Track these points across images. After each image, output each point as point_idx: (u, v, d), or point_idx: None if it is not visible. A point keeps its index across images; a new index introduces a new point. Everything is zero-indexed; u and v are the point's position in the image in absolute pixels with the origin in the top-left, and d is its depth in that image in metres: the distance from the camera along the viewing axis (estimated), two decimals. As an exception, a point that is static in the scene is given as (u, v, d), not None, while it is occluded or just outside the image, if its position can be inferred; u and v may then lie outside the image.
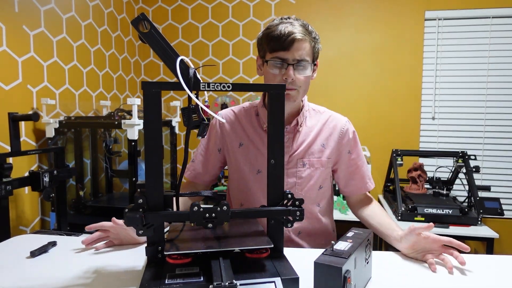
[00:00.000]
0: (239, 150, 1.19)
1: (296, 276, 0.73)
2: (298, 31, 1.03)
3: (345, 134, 1.19)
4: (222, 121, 0.95)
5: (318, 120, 1.20)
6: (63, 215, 1.79)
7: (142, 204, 0.77)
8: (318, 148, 1.17)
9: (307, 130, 1.18)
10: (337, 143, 1.19)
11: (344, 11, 2.82)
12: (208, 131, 1.25)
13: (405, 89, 2.78)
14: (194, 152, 1.29)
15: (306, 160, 1.16)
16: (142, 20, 0.76)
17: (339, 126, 1.20)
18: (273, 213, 0.83)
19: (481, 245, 2.72)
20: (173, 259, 0.76)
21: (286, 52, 1.04)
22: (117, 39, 2.75)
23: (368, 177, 1.24)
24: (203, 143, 1.27)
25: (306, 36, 1.05)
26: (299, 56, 1.04)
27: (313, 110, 1.23)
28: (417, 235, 0.94)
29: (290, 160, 1.16)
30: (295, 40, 1.03)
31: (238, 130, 1.20)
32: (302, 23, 1.07)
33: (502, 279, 0.87)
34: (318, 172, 1.17)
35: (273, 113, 0.84)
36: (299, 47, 1.04)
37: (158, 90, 0.76)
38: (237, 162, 1.20)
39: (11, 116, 1.56)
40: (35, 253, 0.96)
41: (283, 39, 1.03)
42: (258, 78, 2.96)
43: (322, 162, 1.17)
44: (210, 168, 1.26)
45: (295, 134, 1.16)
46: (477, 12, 2.64)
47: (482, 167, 2.69)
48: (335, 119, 1.21)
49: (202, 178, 1.26)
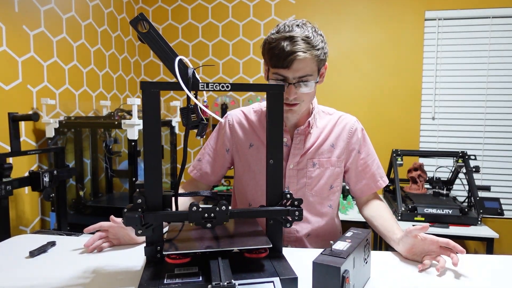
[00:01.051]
0: (249, 151, 1.19)
1: (295, 276, 0.73)
2: (300, 49, 0.97)
3: (354, 134, 1.20)
4: (220, 119, 0.94)
5: (328, 121, 1.20)
6: (63, 215, 1.80)
7: (141, 204, 0.77)
8: (327, 148, 1.17)
9: (318, 131, 1.18)
10: (346, 142, 1.19)
11: (344, 11, 2.82)
12: (216, 131, 1.26)
13: (405, 89, 2.78)
14: (201, 151, 1.28)
15: (316, 160, 1.16)
16: (141, 20, 0.76)
17: (348, 125, 1.20)
18: (272, 213, 0.83)
19: (481, 245, 2.72)
20: (172, 259, 0.76)
21: (286, 71, 1.00)
22: (117, 39, 2.75)
23: (380, 175, 1.23)
24: (210, 143, 1.26)
25: (308, 53, 0.99)
26: (300, 74, 1.01)
27: (322, 112, 1.23)
28: (414, 238, 0.94)
29: (301, 160, 1.16)
30: (296, 61, 0.98)
31: (248, 130, 1.20)
32: (305, 36, 0.99)
33: (502, 279, 0.87)
34: (328, 172, 1.17)
35: (272, 113, 0.84)
36: (300, 67, 1.00)
37: (157, 90, 0.76)
38: (247, 163, 1.19)
39: (11, 116, 1.57)
40: (34, 253, 0.96)
41: (283, 58, 0.98)
42: (258, 78, 2.97)
43: (331, 162, 1.17)
44: (217, 168, 1.25)
45: (306, 136, 1.17)
46: (477, 12, 2.64)
47: (482, 167, 2.69)
48: (344, 119, 1.21)
49: (208, 178, 1.26)
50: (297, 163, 1.16)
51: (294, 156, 1.15)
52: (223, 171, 1.27)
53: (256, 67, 2.97)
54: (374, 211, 1.18)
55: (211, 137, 1.27)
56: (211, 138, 1.26)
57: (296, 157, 1.15)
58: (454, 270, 0.90)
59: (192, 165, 1.27)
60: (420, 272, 0.89)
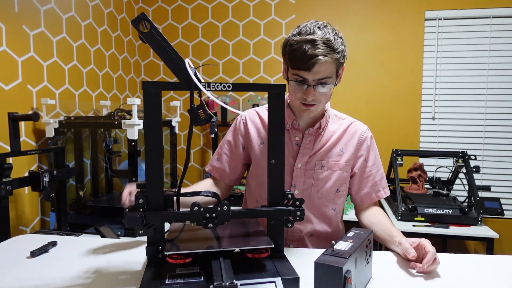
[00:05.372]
0: (260, 148, 1.21)
1: (297, 276, 0.73)
2: (321, 53, 0.98)
3: (364, 141, 1.21)
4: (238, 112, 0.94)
5: (340, 126, 1.22)
6: (63, 215, 1.79)
7: (142, 204, 0.77)
8: (337, 152, 1.18)
9: (329, 134, 1.19)
10: (355, 149, 1.20)
11: (344, 11, 2.82)
12: (232, 129, 1.27)
13: (405, 89, 2.78)
14: (217, 151, 1.28)
15: (325, 162, 1.17)
16: (142, 20, 0.76)
17: (358, 132, 1.21)
18: (273, 213, 0.83)
19: (481, 245, 2.72)
20: (173, 259, 0.76)
21: (307, 73, 1.02)
22: (117, 39, 2.74)
23: (382, 186, 1.23)
24: (227, 141, 1.28)
25: (328, 57, 1.00)
26: (320, 76, 1.02)
27: (335, 116, 1.24)
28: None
29: (310, 161, 1.17)
30: (317, 64, 0.99)
31: (261, 128, 1.22)
32: (326, 39, 1.00)
33: (502, 279, 0.87)
34: (336, 175, 1.18)
35: (273, 113, 0.84)
36: (321, 70, 1.01)
37: (158, 90, 0.76)
38: (257, 160, 1.21)
39: (11, 116, 1.56)
40: (36, 253, 0.96)
41: (304, 61, 0.99)
42: (258, 78, 2.97)
43: (340, 166, 1.18)
44: (235, 166, 1.26)
45: (317, 137, 1.18)
46: (477, 12, 2.64)
47: (482, 167, 2.69)
48: (355, 126, 1.23)
49: (228, 176, 1.27)
50: (305, 163, 1.17)
51: (303, 155, 1.16)
52: (242, 169, 1.28)
53: (256, 67, 2.97)
54: (374, 217, 1.18)
55: (227, 136, 1.28)
56: (227, 137, 1.28)
57: (304, 156, 1.16)
58: (454, 270, 0.90)
59: (210, 164, 1.28)
60: (417, 273, 0.89)
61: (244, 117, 1.25)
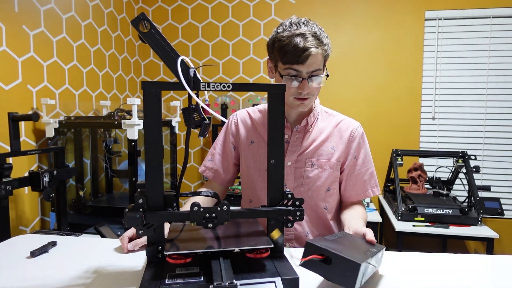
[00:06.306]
0: (249, 148, 1.21)
1: (297, 276, 0.73)
2: (312, 45, 1.01)
3: (354, 139, 1.19)
4: (222, 118, 0.95)
5: (329, 123, 1.21)
6: (63, 215, 1.79)
7: (142, 204, 0.77)
8: (327, 150, 1.17)
9: (318, 132, 1.18)
10: (346, 146, 1.19)
11: (344, 11, 2.82)
12: (224, 130, 1.28)
13: (405, 89, 2.78)
14: (210, 151, 1.29)
15: (315, 160, 1.16)
16: (142, 20, 0.76)
17: (349, 130, 1.20)
18: (273, 213, 0.83)
19: (481, 245, 2.72)
20: (173, 259, 0.76)
21: (300, 66, 1.03)
22: (117, 39, 2.74)
23: (371, 184, 1.21)
24: (219, 142, 1.28)
25: (319, 49, 1.03)
26: (313, 68, 1.04)
27: (325, 113, 1.23)
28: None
29: (299, 159, 1.16)
30: (310, 56, 1.01)
31: (250, 128, 1.23)
32: (313, 32, 1.03)
33: (502, 279, 0.87)
34: (326, 173, 1.17)
35: (273, 113, 0.84)
36: (313, 61, 1.03)
37: (158, 90, 0.76)
38: (246, 160, 1.22)
39: (11, 116, 1.56)
40: (35, 253, 0.96)
41: (298, 54, 1.01)
42: (258, 78, 2.97)
43: (331, 164, 1.17)
44: (228, 166, 1.27)
45: (305, 134, 1.17)
46: (477, 12, 2.64)
47: (482, 167, 2.69)
48: (346, 123, 1.21)
49: (221, 177, 1.27)
50: (295, 161, 1.16)
51: (291, 153, 1.16)
52: (234, 170, 1.29)
53: (256, 67, 2.97)
54: (352, 213, 1.16)
55: (220, 136, 1.29)
56: (220, 137, 1.28)
57: (293, 154, 1.16)
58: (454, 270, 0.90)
59: (203, 165, 1.28)
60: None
61: (235, 118, 1.26)
